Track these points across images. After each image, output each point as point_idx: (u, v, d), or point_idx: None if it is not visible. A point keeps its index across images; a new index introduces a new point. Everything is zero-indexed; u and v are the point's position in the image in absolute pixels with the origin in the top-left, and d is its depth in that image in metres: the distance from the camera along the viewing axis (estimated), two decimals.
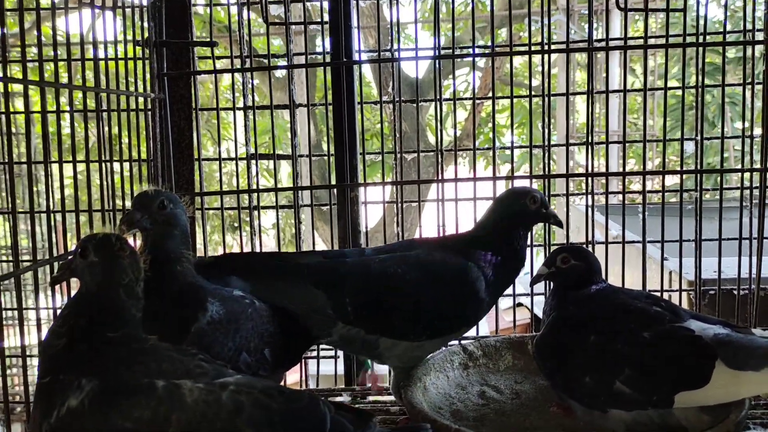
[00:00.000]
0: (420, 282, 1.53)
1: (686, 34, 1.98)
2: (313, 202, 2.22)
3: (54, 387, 1.09)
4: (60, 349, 1.13)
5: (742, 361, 1.33)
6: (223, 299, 1.42)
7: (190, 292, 1.39)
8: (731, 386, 1.34)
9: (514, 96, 2.05)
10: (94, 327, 1.14)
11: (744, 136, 1.99)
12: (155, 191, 1.40)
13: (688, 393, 1.36)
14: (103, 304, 1.16)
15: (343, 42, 2.08)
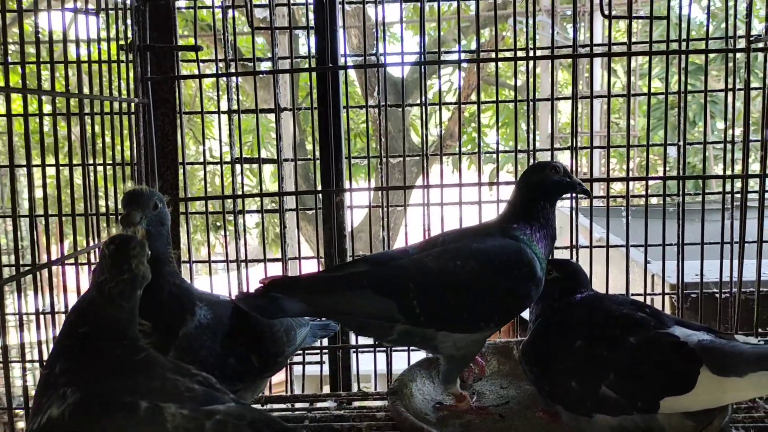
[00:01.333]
0: (482, 272, 1.49)
1: (669, 41, 2.00)
2: (298, 206, 2.21)
3: (48, 384, 1.07)
4: (63, 348, 1.11)
5: (727, 367, 1.34)
6: (211, 303, 1.42)
7: (179, 295, 1.39)
8: (716, 392, 1.35)
9: (499, 101, 2.05)
10: (94, 335, 1.12)
11: (726, 141, 2.01)
12: (149, 190, 1.38)
13: (673, 399, 1.37)
14: (108, 313, 1.14)
15: (329, 46, 2.08)
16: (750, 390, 1.37)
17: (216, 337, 1.39)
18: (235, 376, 1.42)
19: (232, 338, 1.42)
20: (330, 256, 2.16)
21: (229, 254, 2.14)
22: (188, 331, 1.36)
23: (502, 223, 1.60)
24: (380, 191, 2.04)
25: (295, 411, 1.99)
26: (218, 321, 1.40)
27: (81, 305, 1.16)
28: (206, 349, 1.37)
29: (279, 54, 2.14)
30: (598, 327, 1.47)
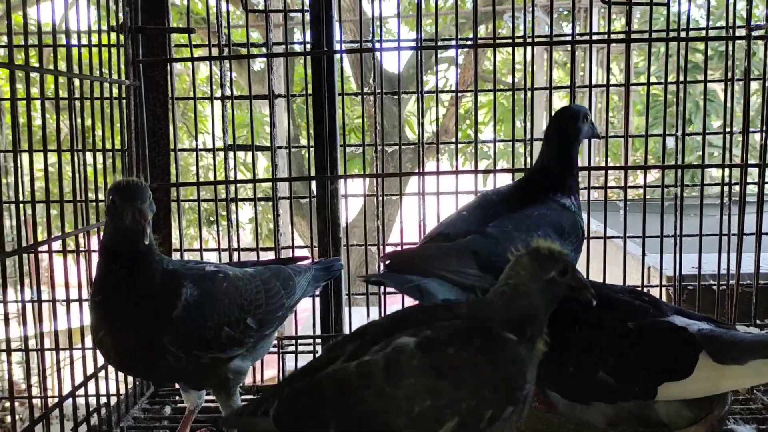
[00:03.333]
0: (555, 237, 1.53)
1: (669, 30, 1.98)
2: (291, 194, 2.18)
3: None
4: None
5: (727, 354, 1.32)
6: (196, 280, 1.42)
7: (167, 279, 1.39)
8: (715, 379, 1.33)
9: (497, 89, 2.03)
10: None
11: (725, 132, 1.99)
12: (143, 182, 1.38)
13: (671, 384, 1.35)
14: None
15: (324, 32, 2.04)
16: (751, 377, 1.35)
17: (206, 312, 1.40)
18: (233, 342, 1.44)
19: (224, 308, 1.43)
20: (323, 245, 2.13)
21: (222, 244, 2.10)
22: (179, 314, 1.37)
23: (549, 191, 1.64)
24: (375, 179, 2.01)
25: None
26: (205, 296, 1.41)
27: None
28: (198, 327, 1.39)
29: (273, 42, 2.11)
30: (596, 313, 1.45)
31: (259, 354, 1.58)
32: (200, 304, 1.39)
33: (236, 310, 1.45)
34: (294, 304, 1.64)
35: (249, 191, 2.06)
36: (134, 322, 1.35)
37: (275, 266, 1.63)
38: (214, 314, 1.41)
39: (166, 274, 1.39)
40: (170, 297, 1.37)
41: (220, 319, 1.41)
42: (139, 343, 1.37)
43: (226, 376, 1.49)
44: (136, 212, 1.30)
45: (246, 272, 1.54)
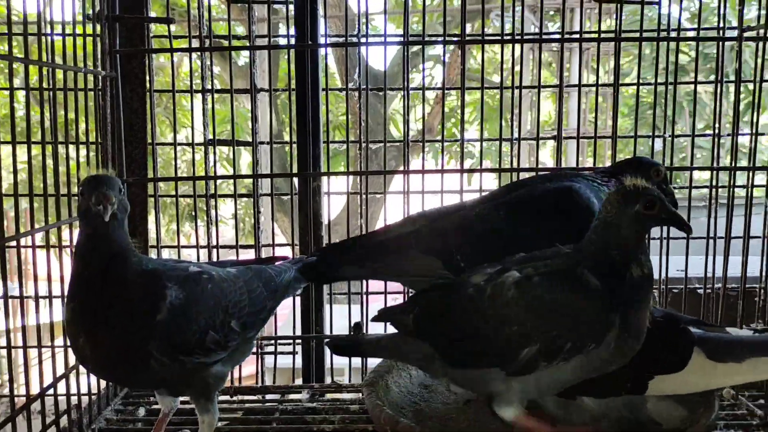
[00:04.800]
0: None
1: (660, 29, 1.95)
2: (273, 191, 2.13)
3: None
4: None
5: (723, 352, 1.34)
6: (180, 281, 1.36)
7: (148, 280, 1.33)
8: (708, 375, 1.34)
9: (485, 87, 1.99)
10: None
11: (714, 135, 1.97)
12: (113, 175, 1.32)
13: (664, 378, 1.34)
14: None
15: (309, 26, 2.00)
16: (746, 375, 1.35)
17: (191, 316, 1.35)
18: (217, 347, 1.40)
19: (209, 311, 1.39)
20: (305, 243, 2.08)
21: (201, 241, 2.05)
22: (163, 318, 1.32)
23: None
24: (358, 177, 1.96)
25: (266, 403, 1.92)
26: (191, 299, 1.36)
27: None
28: (183, 330, 1.34)
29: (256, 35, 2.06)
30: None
31: (239, 359, 1.54)
32: (185, 307, 1.34)
33: (221, 312, 1.40)
34: (276, 305, 1.59)
35: (230, 187, 2.01)
36: (115, 327, 1.29)
37: (257, 266, 1.58)
38: (199, 318, 1.36)
39: (146, 275, 1.34)
40: (153, 300, 1.32)
41: (205, 323, 1.36)
42: (121, 350, 1.31)
43: (207, 382, 1.44)
44: (100, 195, 1.23)
45: (229, 273, 1.48)
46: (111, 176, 1.29)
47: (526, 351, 1.25)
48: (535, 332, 1.25)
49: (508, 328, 1.26)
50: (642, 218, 1.25)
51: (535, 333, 1.25)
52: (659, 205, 1.25)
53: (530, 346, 1.25)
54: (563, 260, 1.29)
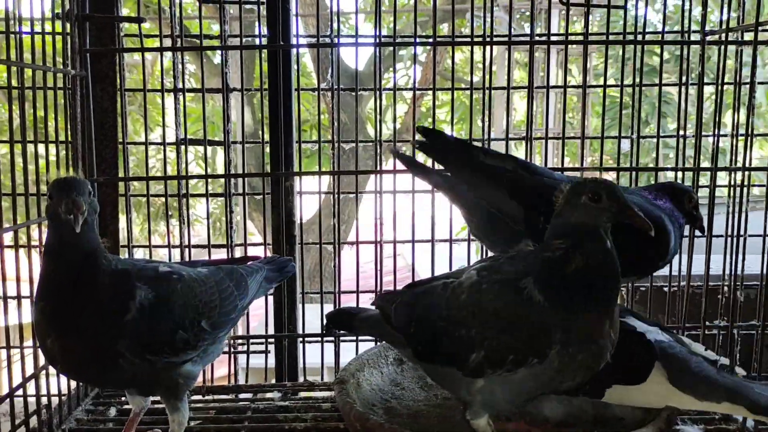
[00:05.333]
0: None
1: (626, 33, 1.99)
2: (245, 190, 2.13)
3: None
4: None
5: (687, 382, 1.33)
6: (150, 281, 1.37)
7: (118, 281, 1.34)
8: (664, 397, 1.34)
9: (455, 88, 2.01)
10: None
11: (679, 136, 2.02)
12: (81, 177, 1.32)
13: (621, 389, 1.36)
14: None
15: (281, 25, 2.00)
16: (700, 407, 1.36)
17: (161, 316, 1.36)
18: (186, 346, 1.41)
19: (179, 310, 1.39)
20: (278, 242, 2.09)
21: (173, 241, 2.05)
22: (132, 317, 1.32)
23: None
24: (331, 176, 1.98)
25: (238, 402, 1.92)
26: (161, 298, 1.36)
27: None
28: (152, 330, 1.34)
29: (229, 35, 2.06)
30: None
31: (209, 358, 1.55)
32: (155, 306, 1.34)
33: (191, 312, 1.41)
34: (246, 305, 1.60)
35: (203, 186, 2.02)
36: (85, 327, 1.29)
37: (228, 266, 1.59)
38: (169, 317, 1.36)
39: (116, 275, 1.34)
40: (123, 300, 1.32)
41: (175, 323, 1.37)
42: (91, 350, 1.31)
43: (177, 381, 1.44)
44: (70, 203, 1.23)
45: (200, 273, 1.49)
46: (80, 179, 1.29)
47: (474, 356, 1.25)
48: (480, 339, 1.25)
49: (459, 330, 1.27)
50: (588, 209, 1.22)
51: (480, 340, 1.25)
52: (606, 197, 1.21)
53: (477, 351, 1.25)
54: (515, 268, 1.28)
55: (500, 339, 1.23)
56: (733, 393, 1.30)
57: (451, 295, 1.31)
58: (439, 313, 1.31)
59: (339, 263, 2.10)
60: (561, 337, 1.20)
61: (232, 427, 1.73)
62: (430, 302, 1.35)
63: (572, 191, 1.24)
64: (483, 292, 1.27)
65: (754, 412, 1.29)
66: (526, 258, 1.30)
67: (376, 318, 1.47)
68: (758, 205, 2.20)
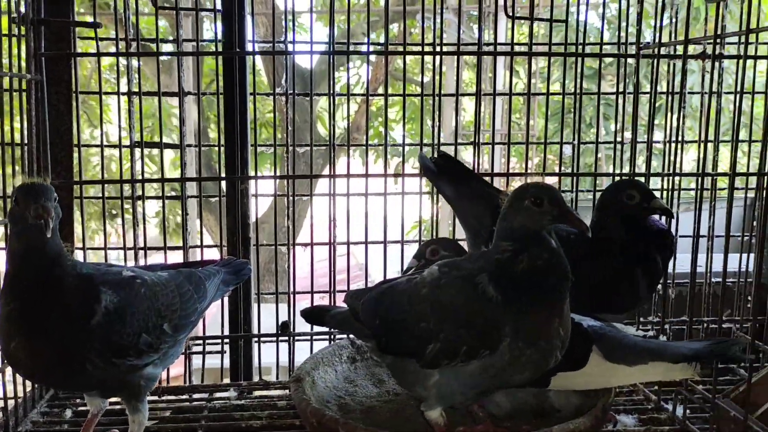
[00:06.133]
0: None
1: (567, 44, 2.10)
2: (201, 193, 2.16)
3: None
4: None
5: (617, 355, 1.43)
6: (114, 285, 1.40)
7: (83, 285, 1.36)
8: (604, 375, 1.44)
9: (406, 94, 2.09)
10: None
11: (616, 142, 2.14)
12: (48, 183, 1.34)
13: (565, 375, 1.45)
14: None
15: (237, 31, 2.04)
16: (636, 377, 1.48)
17: (125, 320, 1.38)
18: (150, 349, 1.44)
19: (142, 314, 1.42)
20: (233, 244, 2.13)
21: (126, 242, 2.06)
22: (98, 321, 1.35)
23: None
24: (286, 180, 2.03)
25: (194, 402, 1.95)
26: (125, 302, 1.39)
27: None
28: (117, 334, 1.37)
29: (183, 37, 2.08)
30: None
31: (169, 360, 1.58)
32: (120, 310, 1.38)
33: (154, 315, 1.45)
34: (205, 308, 1.64)
35: (154, 187, 2.03)
36: (51, 331, 1.31)
37: (187, 270, 1.62)
38: (133, 321, 1.40)
39: (81, 279, 1.36)
40: (88, 303, 1.35)
41: (138, 326, 1.40)
42: (57, 353, 1.33)
43: (139, 383, 1.48)
44: (39, 208, 1.25)
45: (161, 277, 1.53)
46: (46, 185, 1.31)
47: (431, 347, 1.32)
48: (437, 331, 1.32)
49: (419, 323, 1.34)
50: (531, 213, 1.27)
51: (437, 332, 1.32)
52: (548, 202, 1.26)
53: (433, 343, 1.32)
54: (473, 265, 1.36)
55: (455, 331, 1.30)
56: (655, 352, 1.42)
57: (413, 290, 1.39)
58: (402, 307, 1.39)
59: (294, 264, 2.15)
60: (511, 331, 1.27)
61: (188, 426, 1.76)
62: (394, 297, 1.42)
63: (515, 196, 1.30)
64: (442, 287, 1.35)
65: (675, 362, 1.40)
66: (482, 257, 1.37)
67: (346, 314, 1.54)
68: (690, 206, 2.33)
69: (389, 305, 1.43)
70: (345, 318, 1.54)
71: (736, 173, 1.64)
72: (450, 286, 1.35)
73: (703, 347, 1.39)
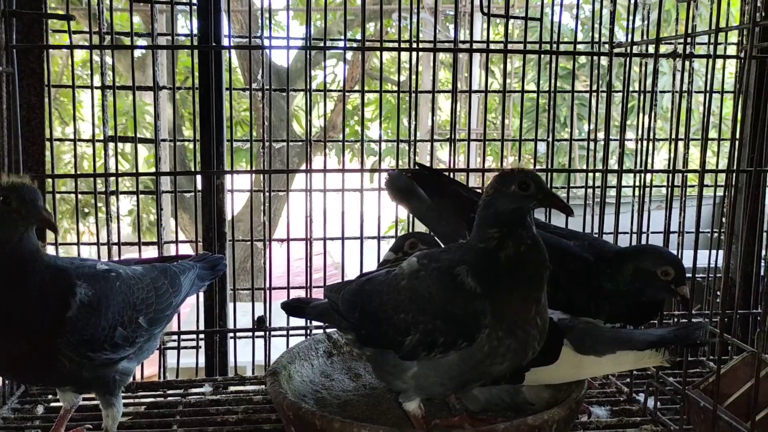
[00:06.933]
0: None
1: (542, 42, 2.12)
2: (176, 188, 2.14)
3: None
4: None
5: (587, 346, 1.46)
6: (89, 278, 1.39)
7: (58, 278, 1.36)
8: (576, 367, 1.46)
9: (383, 90, 2.10)
10: None
11: (589, 139, 2.17)
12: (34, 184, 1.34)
13: (538, 370, 1.47)
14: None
15: (212, 25, 2.03)
16: (607, 368, 1.49)
17: (100, 313, 1.38)
18: (125, 343, 1.44)
19: (118, 307, 1.42)
20: (208, 240, 2.12)
21: (100, 238, 2.04)
22: (73, 314, 1.34)
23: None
24: (262, 175, 2.02)
25: (168, 397, 1.94)
26: (100, 295, 1.39)
27: None
28: (92, 327, 1.36)
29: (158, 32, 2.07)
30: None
31: (145, 355, 1.57)
32: (95, 303, 1.37)
33: (129, 309, 1.44)
34: (180, 302, 1.64)
35: (128, 182, 2.02)
36: (26, 324, 1.30)
37: (161, 264, 1.62)
38: (108, 314, 1.39)
39: (56, 272, 1.36)
40: (63, 297, 1.34)
41: (114, 319, 1.40)
42: (31, 347, 1.32)
43: (114, 378, 1.47)
44: (45, 211, 1.30)
45: (135, 270, 1.52)
46: (33, 185, 1.32)
47: (409, 339, 1.33)
48: (415, 323, 1.33)
49: (398, 314, 1.35)
50: (517, 197, 1.28)
51: (415, 324, 1.32)
52: (534, 186, 1.28)
53: (412, 334, 1.33)
54: (452, 256, 1.36)
55: (433, 323, 1.31)
56: (622, 341, 1.45)
57: (392, 282, 1.40)
58: (381, 299, 1.39)
59: (271, 260, 2.15)
60: (490, 321, 1.28)
61: (163, 422, 1.75)
62: (374, 289, 1.43)
63: (501, 181, 1.31)
64: (420, 279, 1.35)
65: (641, 349, 1.43)
66: (462, 247, 1.38)
67: (326, 306, 1.54)
68: (662, 204, 2.38)
69: (368, 297, 1.43)
70: (325, 310, 1.55)
71: (706, 170, 1.67)
72: (428, 277, 1.35)
73: (668, 333, 1.43)
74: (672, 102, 2.02)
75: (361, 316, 1.43)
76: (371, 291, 1.43)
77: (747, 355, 1.70)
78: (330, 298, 1.53)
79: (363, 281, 1.49)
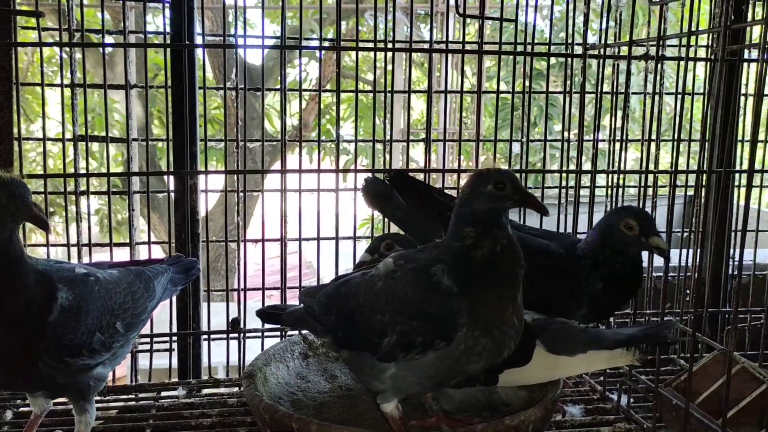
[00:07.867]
0: None
1: (516, 43, 2.14)
2: (149, 188, 2.11)
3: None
4: None
5: (559, 346, 1.47)
6: (69, 282, 1.37)
7: (40, 281, 1.33)
8: (549, 368, 1.47)
9: (358, 90, 2.09)
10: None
11: (563, 140, 2.19)
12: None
13: (513, 372, 1.48)
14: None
15: (185, 23, 2.00)
16: (580, 367, 1.51)
17: (79, 317, 1.36)
18: (102, 348, 1.42)
19: (96, 312, 1.40)
20: (181, 241, 2.09)
21: (69, 239, 2.00)
22: (54, 319, 1.32)
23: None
24: (236, 175, 2.00)
25: (141, 401, 1.91)
26: (80, 300, 1.37)
27: None
28: (72, 332, 1.34)
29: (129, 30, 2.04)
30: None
31: (118, 360, 1.55)
32: (75, 308, 1.35)
33: (107, 314, 1.42)
34: (154, 307, 1.62)
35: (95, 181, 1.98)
36: (9, 328, 1.28)
37: (136, 268, 1.59)
38: (88, 319, 1.37)
39: (39, 276, 1.33)
40: (45, 301, 1.31)
41: (93, 324, 1.38)
42: (12, 351, 1.29)
43: (89, 383, 1.45)
44: (38, 208, 1.27)
45: (112, 275, 1.50)
46: (21, 181, 1.29)
47: (387, 340, 1.33)
48: (392, 324, 1.32)
49: (375, 316, 1.35)
50: (493, 197, 1.29)
51: (392, 325, 1.32)
52: (510, 186, 1.29)
53: (389, 335, 1.32)
54: (428, 256, 1.36)
55: (410, 323, 1.31)
56: (593, 340, 1.48)
57: (368, 283, 1.39)
58: (358, 300, 1.38)
59: (245, 261, 2.13)
60: (467, 321, 1.28)
61: (136, 426, 1.73)
62: (350, 291, 1.42)
63: (477, 181, 1.32)
64: (396, 279, 1.35)
65: (611, 348, 1.45)
66: (438, 247, 1.38)
67: (301, 311, 1.53)
68: (633, 203, 2.41)
69: (344, 299, 1.42)
70: (301, 316, 1.53)
71: (677, 171, 1.69)
72: (404, 277, 1.35)
73: (638, 332, 1.46)
74: (643, 104, 2.05)
75: (338, 319, 1.43)
76: (347, 293, 1.42)
77: (718, 353, 1.72)
78: (305, 302, 1.52)
79: (339, 283, 1.48)
